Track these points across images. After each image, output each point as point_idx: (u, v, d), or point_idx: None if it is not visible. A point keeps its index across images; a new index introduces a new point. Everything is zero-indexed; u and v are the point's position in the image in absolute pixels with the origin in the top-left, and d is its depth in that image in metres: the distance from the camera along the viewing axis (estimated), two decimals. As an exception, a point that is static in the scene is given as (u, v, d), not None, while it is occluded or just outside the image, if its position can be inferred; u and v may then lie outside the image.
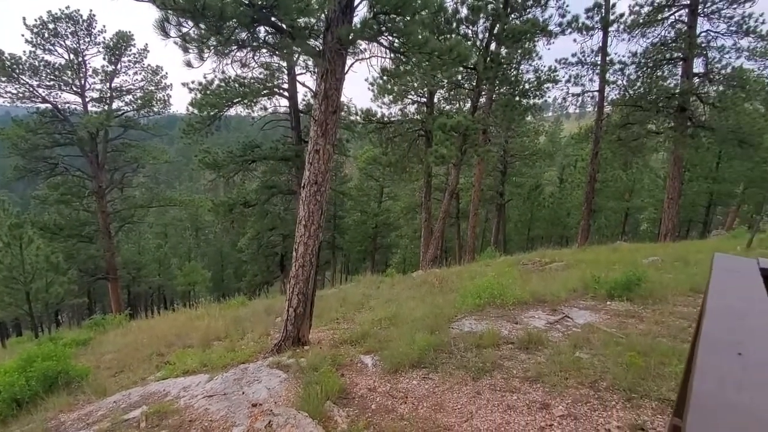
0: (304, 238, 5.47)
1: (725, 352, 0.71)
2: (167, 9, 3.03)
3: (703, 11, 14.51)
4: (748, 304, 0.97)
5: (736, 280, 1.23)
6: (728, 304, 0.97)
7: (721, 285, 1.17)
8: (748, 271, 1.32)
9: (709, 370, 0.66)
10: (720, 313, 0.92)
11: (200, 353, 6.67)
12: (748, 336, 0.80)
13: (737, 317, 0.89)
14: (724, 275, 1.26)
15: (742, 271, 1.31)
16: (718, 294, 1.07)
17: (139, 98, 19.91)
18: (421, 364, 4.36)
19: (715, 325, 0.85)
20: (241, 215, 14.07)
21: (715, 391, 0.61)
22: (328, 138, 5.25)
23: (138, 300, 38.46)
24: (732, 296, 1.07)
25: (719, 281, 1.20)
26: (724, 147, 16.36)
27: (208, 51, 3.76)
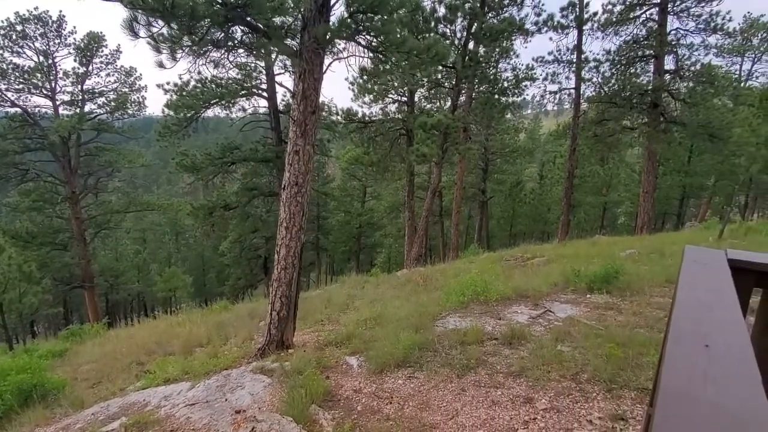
0: (285, 240, 5.40)
1: (693, 345, 0.72)
2: (135, 8, 2.93)
3: (673, 10, 14.96)
4: (716, 296, 0.99)
5: (705, 272, 1.26)
6: (697, 297, 0.99)
7: (691, 277, 1.19)
8: (717, 263, 1.35)
9: (677, 363, 0.67)
10: (689, 306, 0.93)
11: (182, 361, 6.53)
12: (715, 328, 0.81)
13: (705, 309, 0.91)
14: (693, 267, 1.29)
15: (711, 263, 1.34)
16: (688, 286, 1.09)
17: (112, 100, 19.34)
18: (406, 364, 4.36)
19: (683, 317, 0.86)
20: (221, 218, 13.82)
21: (683, 384, 0.61)
22: (307, 138, 5.20)
23: (117, 308, 37.41)
24: (701, 288, 1.09)
25: (689, 273, 1.23)
26: (695, 141, 16.92)
27: (181, 51, 3.66)
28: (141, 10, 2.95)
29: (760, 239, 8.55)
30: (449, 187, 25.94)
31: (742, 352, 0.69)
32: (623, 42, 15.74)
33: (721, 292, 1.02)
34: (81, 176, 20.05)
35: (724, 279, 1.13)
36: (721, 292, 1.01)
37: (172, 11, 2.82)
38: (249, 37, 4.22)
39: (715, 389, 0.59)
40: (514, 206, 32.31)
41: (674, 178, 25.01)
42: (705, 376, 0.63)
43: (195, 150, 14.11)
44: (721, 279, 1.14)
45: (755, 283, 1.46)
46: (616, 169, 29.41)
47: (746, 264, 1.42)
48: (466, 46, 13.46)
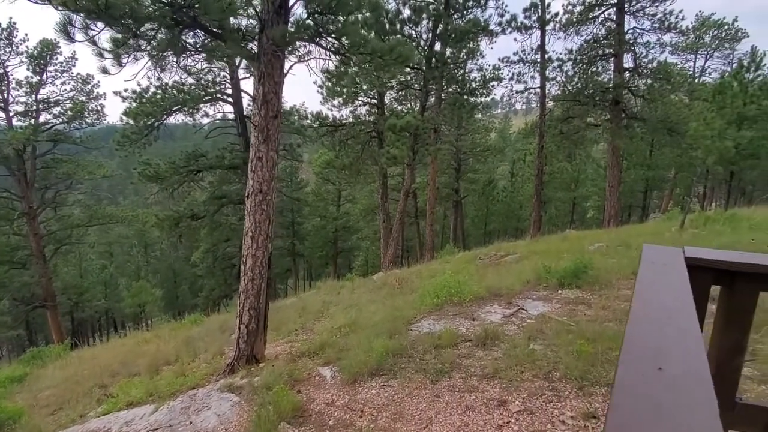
0: (252, 250, 5.21)
1: (646, 368, 0.65)
2: (68, 9, 2.71)
3: (629, 9, 15.52)
4: (672, 304, 0.94)
5: (663, 274, 1.21)
6: (652, 306, 0.93)
7: (647, 282, 1.14)
8: (674, 264, 1.31)
9: (626, 394, 0.59)
10: (643, 318, 0.87)
11: (147, 381, 6.20)
12: (671, 343, 0.74)
13: (660, 321, 0.84)
14: (650, 270, 1.24)
15: (669, 264, 1.30)
16: (644, 293, 1.04)
17: (68, 109, 18.40)
18: (380, 372, 4.26)
19: (637, 333, 0.79)
20: (188, 229, 13.31)
21: (634, 420, 0.54)
22: (270, 144, 5.03)
23: (84, 326, 35.68)
24: (657, 295, 1.03)
25: (645, 277, 1.18)
26: (655, 136, 17.58)
27: (126, 56, 3.45)
28: (74, 11, 2.73)
29: (718, 228, 8.91)
30: (423, 188, 26.06)
31: (699, 373, 0.62)
32: (584, 41, 16.23)
33: (678, 298, 0.96)
34: (38, 190, 18.98)
35: (681, 283, 1.08)
36: (678, 298, 0.96)
37: (108, 12, 2.62)
38: (202, 40, 4.02)
39: (669, 425, 0.52)
40: (488, 205, 32.79)
41: (638, 172, 25.97)
42: (658, 408, 0.55)
43: (159, 159, 13.58)
44: (678, 283, 1.09)
45: (713, 281, 1.44)
46: (583, 165, 30.30)
47: (704, 262, 1.39)
48: (432, 47, 13.55)
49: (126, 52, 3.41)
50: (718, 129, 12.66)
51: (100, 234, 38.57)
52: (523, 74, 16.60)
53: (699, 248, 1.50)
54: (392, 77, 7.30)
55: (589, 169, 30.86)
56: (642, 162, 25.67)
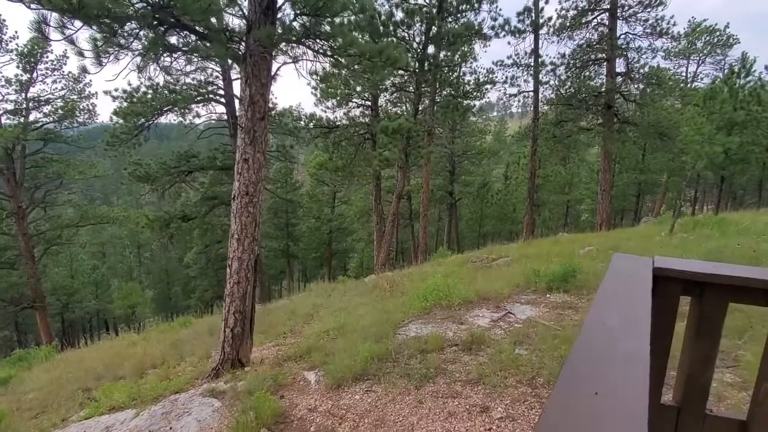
0: (237, 252, 5.16)
1: (581, 392, 0.62)
2: (42, 7, 2.66)
3: (622, 15, 15.64)
4: (627, 322, 0.91)
5: (625, 287, 1.19)
6: (605, 323, 0.90)
7: (607, 296, 1.12)
8: (641, 275, 1.29)
9: (556, 412, 0.57)
10: (592, 336, 0.84)
11: (131, 385, 6.12)
12: (615, 366, 0.72)
13: (609, 341, 0.82)
14: (613, 282, 1.22)
15: (634, 276, 1.28)
16: (600, 308, 1.01)
17: (59, 108, 18.22)
18: (364, 377, 4.22)
19: (581, 352, 0.77)
20: (179, 230, 13.20)
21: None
22: (257, 146, 4.99)
23: (74, 328, 35.33)
24: (613, 311, 1.01)
25: (606, 290, 1.16)
26: (647, 140, 17.71)
27: (107, 56, 3.40)
28: (49, 9, 2.68)
29: (707, 232, 8.96)
30: (417, 190, 26.09)
31: (635, 401, 0.60)
32: (577, 46, 16.33)
33: (634, 316, 0.93)
34: (28, 189, 18.76)
35: (642, 298, 1.05)
36: (634, 316, 0.93)
37: (82, 11, 2.57)
38: (185, 40, 3.98)
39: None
40: (482, 207, 32.87)
41: (630, 176, 26.16)
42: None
43: (150, 159, 13.46)
44: (640, 298, 1.06)
45: (682, 292, 1.42)
46: (576, 168, 30.49)
47: (672, 273, 1.37)
48: (425, 50, 13.56)
49: (106, 51, 3.36)
50: (708, 134, 12.77)
51: (93, 234, 38.21)
52: (516, 78, 16.69)
53: (669, 258, 1.48)
54: (382, 80, 7.27)
55: (583, 172, 31.05)
56: (634, 166, 25.86)
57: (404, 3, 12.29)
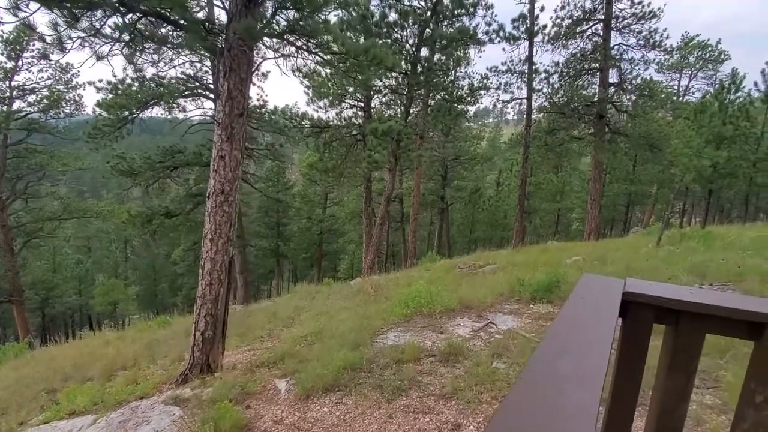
0: (210, 253, 4.96)
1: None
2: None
3: (616, 26, 15.70)
4: (577, 366, 0.76)
5: (586, 317, 1.04)
6: (551, 366, 0.75)
7: (565, 323, 0.97)
8: (607, 302, 1.14)
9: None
10: (533, 383, 0.69)
11: (97, 388, 5.87)
12: (555, 422, 0.57)
13: (551, 390, 0.67)
14: (574, 309, 1.07)
15: (600, 303, 1.13)
16: (555, 338, 0.86)
17: (44, 98, 17.81)
18: (335, 387, 4.04)
19: (521, 397, 0.63)
20: (161, 227, 12.88)
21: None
22: (234, 143, 4.81)
23: (56, 323, 34.60)
24: (569, 343, 0.85)
25: (566, 317, 1.01)
26: (638, 151, 17.78)
27: (70, 41, 3.20)
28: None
29: (693, 245, 8.92)
30: (409, 193, 25.98)
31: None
32: (571, 55, 16.36)
33: (590, 361, 0.78)
34: (9, 180, 18.30)
35: (603, 334, 0.90)
36: (591, 361, 0.77)
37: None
38: (159, 29, 3.79)
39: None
40: (474, 213, 32.85)
41: (620, 186, 26.30)
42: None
43: (135, 153, 13.16)
44: (602, 333, 0.91)
45: (655, 319, 1.28)
46: (568, 177, 30.61)
47: (644, 298, 1.23)
48: (418, 52, 13.46)
49: (70, 37, 3.17)
50: (696, 147, 12.82)
51: (79, 228, 37.52)
52: (510, 84, 16.66)
53: (642, 282, 1.34)
54: (368, 80, 7.11)
55: (575, 181, 31.19)
56: (625, 177, 26.01)
57: (398, 4, 12.19)
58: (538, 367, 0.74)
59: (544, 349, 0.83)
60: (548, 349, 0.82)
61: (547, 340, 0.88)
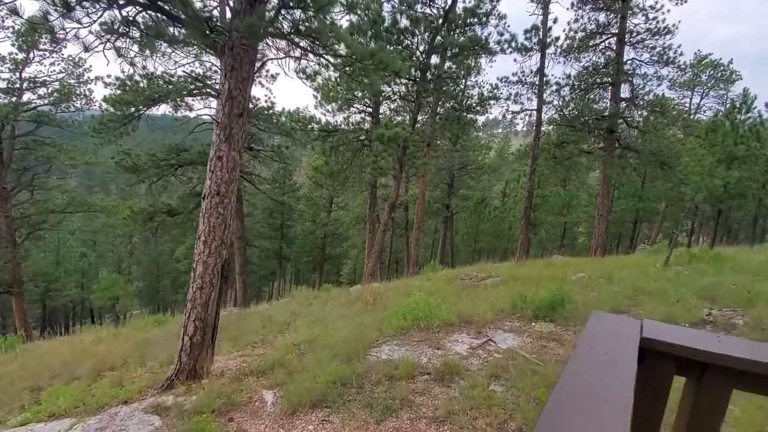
0: (203, 256, 4.82)
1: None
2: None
3: (629, 41, 15.52)
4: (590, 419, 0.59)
5: (600, 372, 0.86)
6: (568, 414, 0.59)
7: (578, 375, 0.80)
8: (623, 351, 0.97)
9: None
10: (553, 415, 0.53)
11: (82, 388, 5.72)
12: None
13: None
14: (587, 356, 0.90)
15: (614, 352, 0.95)
16: (566, 393, 0.70)
17: (55, 91, 17.91)
18: (323, 403, 3.86)
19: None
20: (163, 224, 12.80)
21: None
22: (232, 144, 4.68)
23: (56, 316, 34.68)
24: (581, 403, 0.69)
25: (576, 370, 0.84)
26: (647, 168, 17.51)
27: (63, 33, 3.10)
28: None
29: (702, 267, 8.66)
30: (414, 200, 25.81)
31: None
32: (583, 68, 16.19)
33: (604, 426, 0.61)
34: (15, 171, 18.38)
35: (621, 394, 0.73)
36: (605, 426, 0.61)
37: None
38: (155, 22, 3.68)
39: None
40: (479, 223, 32.58)
41: (628, 202, 25.94)
42: None
43: (140, 150, 13.13)
44: (616, 392, 0.74)
45: (676, 370, 1.10)
46: (576, 191, 30.29)
47: (665, 347, 1.05)
48: (429, 59, 13.35)
49: (63, 28, 3.06)
50: (708, 166, 12.55)
51: (85, 221, 37.77)
52: (520, 95, 16.50)
53: (661, 324, 1.16)
54: (374, 84, 6.99)
55: (583, 195, 30.86)
56: (633, 193, 25.67)
57: (409, 10, 12.11)
58: (553, 417, 0.59)
59: (556, 401, 0.68)
60: (560, 402, 0.67)
61: (558, 392, 0.72)
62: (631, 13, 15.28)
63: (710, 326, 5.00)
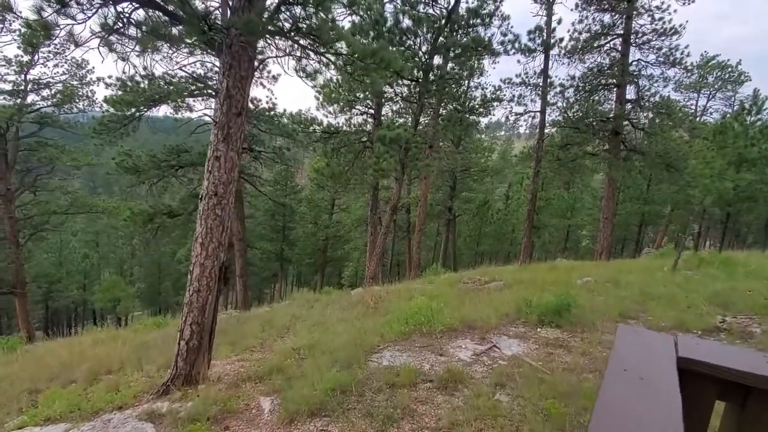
0: (200, 258, 4.70)
1: None
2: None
3: (635, 41, 15.36)
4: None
5: (638, 396, 0.72)
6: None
7: (612, 400, 0.67)
8: (659, 372, 0.83)
9: None
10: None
11: (78, 392, 5.62)
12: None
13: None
14: (622, 379, 0.77)
15: (650, 375, 0.82)
16: (605, 411, 0.57)
17: (58, 93, 17.93)
18: (322, 412, 3.72)
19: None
20: (163, 226, 12.71)
21: None
22: (231, 144, 4.57)
23: (59, 316, 34.73)
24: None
25: (613, 396, 0.70)
26: (653, 170, 17.31)
27: (57, 28, 3.00)
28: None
29: (712, 272, 8.47)
30: (416, 203, 25.67)
31: None
32: (587, 69, 16.03)
33: None
34: (19, 172, 18.42)
35: (671, 403, 0.60)
36: None
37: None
38: (151, 18, 3.59)
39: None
40: (481, 225, 32.38)
41: (633, 205, 25.70)
42: None
43: (141, 151, 13.07)
44: (666, 404, 0.61)
45: (718, 395, 0.96)
46: (580, 194, 30.06)
47: (706, 368, 0.91)
48: (431, 59, 13.24)
49: (57, 24, 2.97)
50: (718, 169, 12.35)
51: (88, 222, 37.83)
52: (524, 96, 16.36)
53: (697, 341, 1.02)
54: (375, 84, 6.86)
55: (587, 198, 30.62)
56: (638, 195, 25.43)
57: (411, 11, 12.01)
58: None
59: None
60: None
61: (597, 428, 0.59)
62: (636, 13, 15.13)
63: (724, 334, 4.84)
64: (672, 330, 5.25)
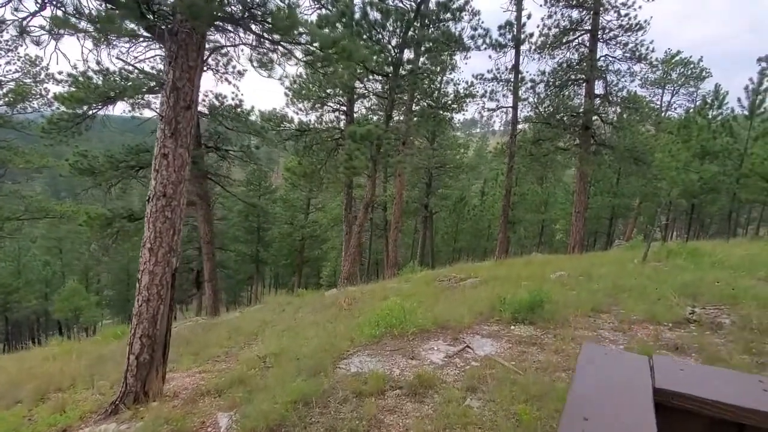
0: (149, 265, 4.34)
1: None
2: None
3: (602, 37, 15.61)
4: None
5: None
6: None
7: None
8: (630, 409, 0.62)
9: None
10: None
11: (22, 414, 5.15)
12: None
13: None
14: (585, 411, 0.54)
15: (620, 422, 0.60)
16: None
17: (10, 92, 16.80)
18: (282, 427, 3.45)
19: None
20: (122, 230, 12.02)
21: None
22: (179, 140, 4.22)
23: (20, 328, 32.91)
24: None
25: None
26: (622, 164, 17.68)
27: None
28: None
29: (680, 262, 8.61)
30: (392, 200, 25.50)
31: None
32: (557, 64, 16.21)
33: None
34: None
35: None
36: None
37: None
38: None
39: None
40: (458, 222, 32.54)
41: (604, 199, 26.32)
42: None
43: (97, 151, 12.32)
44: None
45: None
46: (553, 188, 30.59)
47: (690, 403, 0.70)
48: (401, 53, 13.04)
49: None
50: (684, 161, 12.67)
51: (50, 228, 35.92)
52: (496, 92, 16.41)
53: (674, 363, 0.82)
54: (337, 75, 6.60)
55: (559, 192, 31.18)
56: (609, 189, 26.05)
57: (380, 3, 11.77)
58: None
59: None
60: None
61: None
62: (603, 9, 15.37)
63: (694, 325, 4.82)
64: (644, 323, 5.22)
